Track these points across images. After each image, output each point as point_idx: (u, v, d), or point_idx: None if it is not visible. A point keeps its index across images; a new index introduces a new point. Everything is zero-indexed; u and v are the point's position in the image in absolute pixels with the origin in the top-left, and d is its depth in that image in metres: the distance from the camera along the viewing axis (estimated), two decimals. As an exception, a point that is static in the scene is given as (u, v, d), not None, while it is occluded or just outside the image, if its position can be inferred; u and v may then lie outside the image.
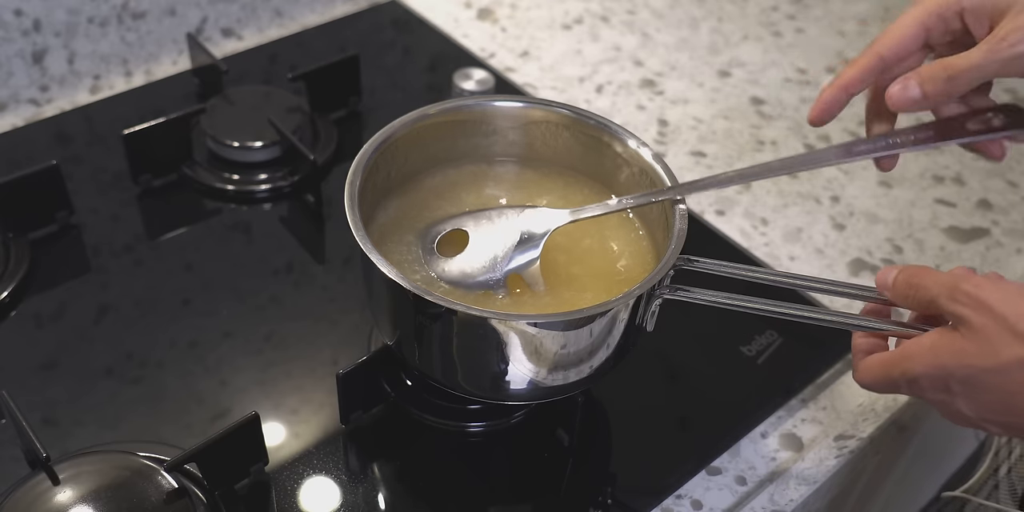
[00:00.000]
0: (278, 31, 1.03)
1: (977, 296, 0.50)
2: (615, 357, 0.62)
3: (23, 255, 0.76)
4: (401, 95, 0.96)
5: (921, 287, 0.53)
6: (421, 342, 0.61)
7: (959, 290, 0.51)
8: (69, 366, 0.71)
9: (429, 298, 0.55)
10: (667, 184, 0.64)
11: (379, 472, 0.67)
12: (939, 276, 0.53)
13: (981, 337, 0.49)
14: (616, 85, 1.00)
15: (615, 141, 0.67)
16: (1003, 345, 0.48)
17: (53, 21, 0.89)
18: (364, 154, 0.63)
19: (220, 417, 0.68)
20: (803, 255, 0.85)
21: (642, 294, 0.58)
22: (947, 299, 0.51)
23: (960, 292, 0.51)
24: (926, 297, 0.53)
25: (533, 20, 1.07)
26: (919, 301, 0.54)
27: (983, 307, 0.49)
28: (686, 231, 0.60)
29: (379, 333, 0.69)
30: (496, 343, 0.57)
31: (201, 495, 0.62)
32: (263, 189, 0.85)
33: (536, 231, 0.63)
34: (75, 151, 0.86)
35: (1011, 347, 0.48)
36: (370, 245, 0.58)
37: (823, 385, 0.76)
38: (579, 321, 0.57)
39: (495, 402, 0.68)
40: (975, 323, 0.49)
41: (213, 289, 0.77)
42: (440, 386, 0.65)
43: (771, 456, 0.71)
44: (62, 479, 0.60)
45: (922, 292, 0.53)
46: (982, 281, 0.51)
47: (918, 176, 0.93)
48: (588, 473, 0.68)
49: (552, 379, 0.61)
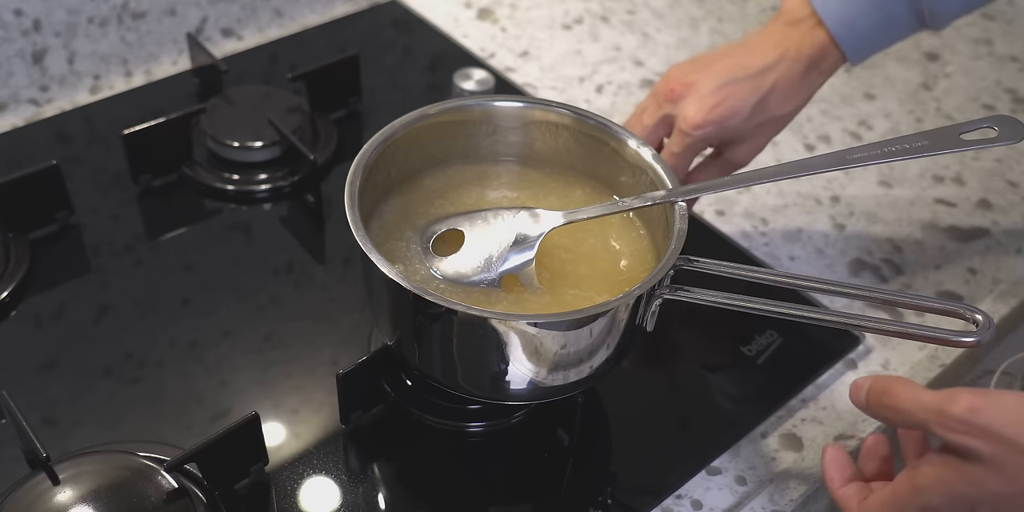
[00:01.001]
0: (278, 31, 1.03)
1: (977, 423, 0.47)
2: (615, 357, 0.62)
3: (23, 255, 0.76)
4: (401, 95, 0.96)
5: (901, 411, 0.51)
6: (421, 342, 0.61)
7: (950, 416, 0.48)
8: (69, 366, 0.71)
9: (429, 298, 0.55)
10: (667, 184, 0.64)
11: (379, 472, 0.67)
12: (917, 395, 0.50)
13: (997, 466, 0.47)
14: (616, 85, 1.00)
15: (615, 141, 0.67)
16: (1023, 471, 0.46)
17: (53, 21, 0.89)
18: (364, 154, 0.63)
19: (220, 417, 0.68)
20: (803, 255, 0.85)
21: (642, 294, 0.58)
22: (941, 427, 0.48)
23: (952, 419, 0.48)
24: (912, 421, 0.50)
25: (533, 20, 1.07)
26: (905, 424, 0.51)
27: (987, 434, 0.47)
28: (686, 231, 0.60)
29: (379, 333, 0.69)
30: (496, 343, 0.57)
31: (201, 495, 0.62)
32: (263, 189, 0.85)
33: (531, 233, 0.63)
34: (75, 151, 0.86)
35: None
36: (370, 245, 0.58)
37: (823, 385, 0.76)
38: (579, 321, 0.57)
39: (495, 402, 0.68)
40: (985, 453, 0.47)
41: (213, 289, 0.77)
42: (440, 386, 0.65)
43: (771, 456, 0.71)
44: (62, 479, 0.60)
45: (905, 416, 0.51)
46: (973, 401, 0.48)
47: (918, 176, 0.93)
48: (588, 473, 0.68)
49: (552, 379, 0.61)
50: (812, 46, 0.71)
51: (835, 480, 0.57)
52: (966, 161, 0.95)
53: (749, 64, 0.71)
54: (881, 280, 0.83)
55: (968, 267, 0.85)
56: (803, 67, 0.71)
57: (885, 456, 0.58)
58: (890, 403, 0.51)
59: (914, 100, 1.02)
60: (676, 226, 0.60)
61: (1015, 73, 1.06)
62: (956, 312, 0.56)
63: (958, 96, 1.03)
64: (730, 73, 0.71)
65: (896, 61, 1.06)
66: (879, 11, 0.70)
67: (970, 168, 0.95)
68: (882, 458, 0.58)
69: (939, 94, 1.03)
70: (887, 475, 0.58)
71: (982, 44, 1.10)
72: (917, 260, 0.86)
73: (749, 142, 0.74)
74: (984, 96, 1.03)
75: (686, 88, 0.72)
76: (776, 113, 0.73)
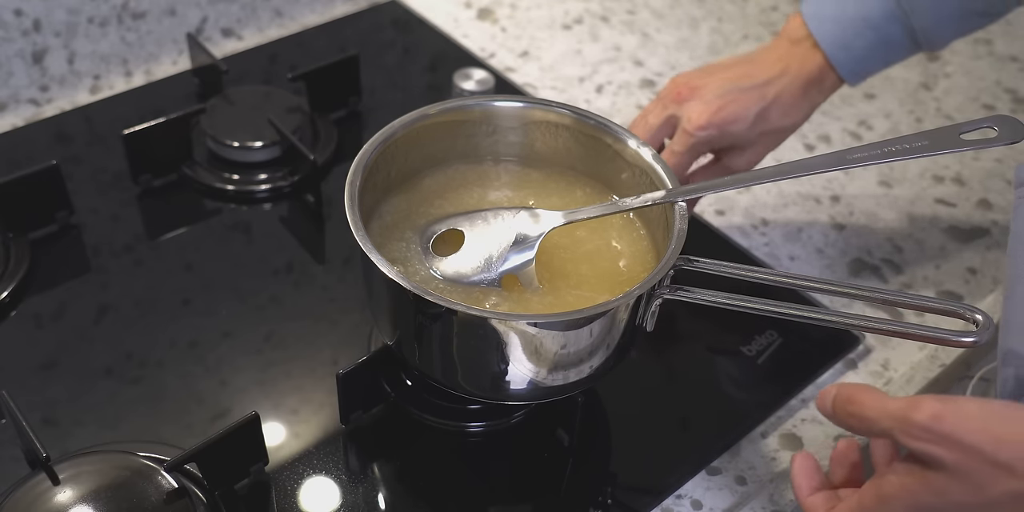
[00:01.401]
0: (278, 31, 1.03)
1: (940, 431, 0.46)
2: (615, 357, 0.62)
3: (23, 255, 0.76)
4: (401, 95, 0.96)
5: (866, 419, 0.50)
6: (421, 342, 0.61)
7: (913, 424, 0.47)
8: (69, 366, 0.71)
9: (429, 298, 0.55)
10: (667, 184, 0.64)
11: (379, 472, 0.67)
12: (882, 403, 0.50)
13: (960, 474, 0.46)
14: (616, 85, 1.00)
15: (615, 141, 0.67)
16: (987, 480, 0.46)
17: (53, 21, 0.89)
18: (364, 154, 0.63)
19: (220, 417, 0.68)
20: (803, 255, 0.85)
21: (642, 294, 0.58)
22: (905, 435, 0.48)
23: (915, 427, 0.47)
24: (877, 429, 0.50)
25: (533, 20, 1.07)
26: (870, 432, 0.51)
27: (950, 442, 0.46)
28: (686, 231, 0.60)
29: (379, 333, 0.69)
30: (496, 343, 0.57)
31: (201, 495, 0.62)
32: (263, 189, 0.85)
33: (531, 233, 0.63)
34: (75, 151, 0.86)
35: (996, 481, 0.45)
36: (370, 245, 0.58)
37: (823, 385, 0.76)
38: (579, 321, 0.57)
39: (495, 402, 0.68)
40: (948, 461, 0.46)
41: (213, 289, 0.77)
42: (440, 386, 0.65)
43: (771, 456, 0.71)
44: (62, 479, 0.60)
45: (869, 424, 0.50)
46: (936, 409, 0.47)
47: (918, 176, 0.93)
48: (588, 473, 0.68)
49: (552, 379, 0.61)
50: (811, 66, 0.73)
51: (803, 488, 0.57)
52: (966, 161, 0.95)
53: (754, 75, 0.73)
54: (881, 280, 0.83)
55: (968, 267, 0.85)
56: (803, 84, 0.73)
57: (855, 462, 0.58)
58: (855, 411, 0.51)
59: (914, 100, 1.02)
60: (676, 226, 0.60)
61: (1015, 73, 1.06)
62: (956, 312, 0.56)
63: (958, 96, 1.03)
64: (735, 82, 0.73)
65: (896, 61, 1.06)
66: (873, 32, 0.71)
67: (970, 168, 0.95)
68: (852, 464, 0.58)
69: (939, 94, 1.03)
70: (856, 482, 0.57)
71: (982, 44, 1.10)
72: (917, 260, 0.86)
73: (749, 151, 0.75)
74: (984, 96, 1.03)
75: (692, 91, 0.73)
76: (777, 125, 0.74)
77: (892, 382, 0.76)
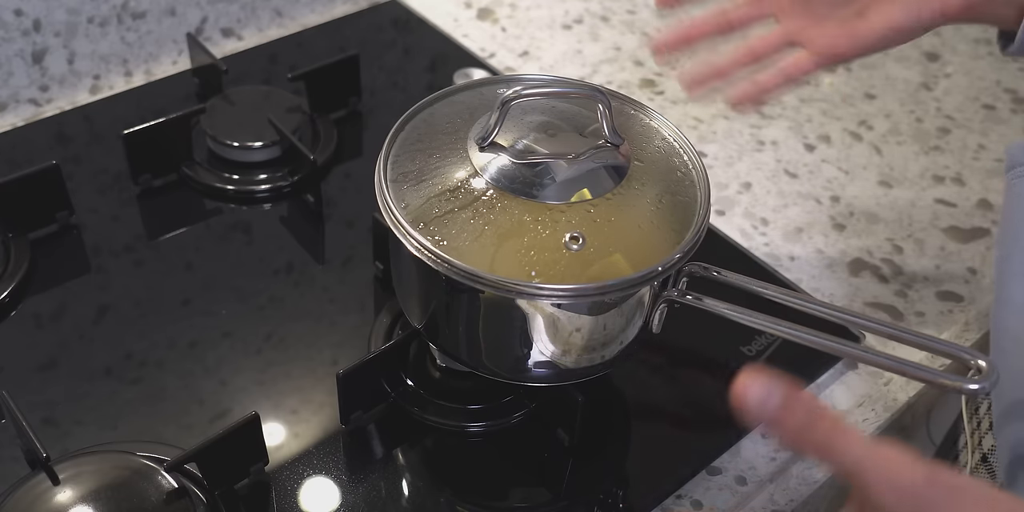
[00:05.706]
0: (278, 31, 1.03)
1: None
2: (637, 339, 0.62)
3: (23, 255, 0.76)
4: (401, 95, 0.96)
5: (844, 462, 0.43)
6: (449, 319, 0.61)
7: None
8: (69, 366, 0.71)
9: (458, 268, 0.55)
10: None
11: (379, 472, 0.67)
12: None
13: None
14: (616, 85, 1.00)
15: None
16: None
17: (53, 21, 0.89)
18: (398, 129, 0.62)
19: (220, 417, 0.68)
20: (803, 255, 0.85)
21: (669, 270, 0.57)
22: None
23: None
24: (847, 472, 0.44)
25: (533, 20, 1.07)
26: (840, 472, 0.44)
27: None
28: (708, 221, 0.60)
29: (406, 315, 0.67)
30: (522, 318, 0.57)
31: (201, 495, 0.62)
32: (263, 189, 0.85)
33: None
34: (75, 151, 0.86)
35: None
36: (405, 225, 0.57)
37: (823, 385, 0.76)
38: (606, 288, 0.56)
39: (515, 383, 0.66)
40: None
41: (213, 289, 0.77)
42: (467, 367, 0.65)
43: (771, 456, 0.71)
44: (62, 479, 0.60)
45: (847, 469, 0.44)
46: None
47: (918, 176, 0.94)
48: (588, 473, 0.68)
49: (579, 359, 0.61)
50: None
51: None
52: (966, 161, 0.95)
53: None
54: (881, 280, 0.83)
55: (968, 267, 0.85)
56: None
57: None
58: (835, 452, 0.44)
59: (914, 100, 1.02)
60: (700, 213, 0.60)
61: (1015, 73, 1.06)
62: (960, 357, 0.55)
63: (958, 96, 1.03)
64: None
65: (896, 61, 1.06)
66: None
67: (970, 168, 0.95)
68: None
69: (939, 94, 1.03)
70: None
71: (982, 44, 1.10)
72: (917, 260, 0.86)
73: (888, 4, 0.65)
74: (984, 96, 1.03)
75: None
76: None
77: (892, 382, 0.76)
